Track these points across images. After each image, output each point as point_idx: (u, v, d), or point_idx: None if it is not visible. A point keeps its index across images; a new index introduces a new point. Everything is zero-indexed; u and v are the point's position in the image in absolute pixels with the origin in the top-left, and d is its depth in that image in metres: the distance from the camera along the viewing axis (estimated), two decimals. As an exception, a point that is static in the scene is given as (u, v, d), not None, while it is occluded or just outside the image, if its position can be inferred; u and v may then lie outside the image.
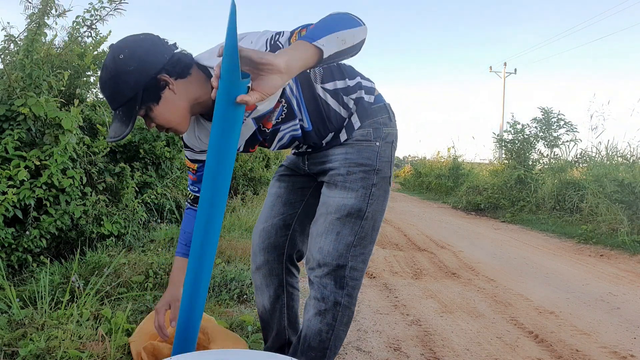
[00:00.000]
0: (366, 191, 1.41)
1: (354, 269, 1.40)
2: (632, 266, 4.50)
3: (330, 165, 1.45)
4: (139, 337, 1.76)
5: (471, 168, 15.15)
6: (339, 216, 1.40)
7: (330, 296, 1.39)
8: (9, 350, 1.71)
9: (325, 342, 1.41)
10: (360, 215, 1.41)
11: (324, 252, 1.39)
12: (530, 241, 5.92)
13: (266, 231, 1.62)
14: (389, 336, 2.41)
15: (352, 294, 1.42)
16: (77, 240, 3.16)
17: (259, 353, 1.12)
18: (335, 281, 1.39)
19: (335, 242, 1.39)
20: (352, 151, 1.42)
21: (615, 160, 7.75)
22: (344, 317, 1.42)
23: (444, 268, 4.12)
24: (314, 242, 1.43)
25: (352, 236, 1.40)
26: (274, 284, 1.63)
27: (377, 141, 1.44)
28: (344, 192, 1.40)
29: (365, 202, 1.41)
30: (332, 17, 1.13)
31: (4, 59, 3.04)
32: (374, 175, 1.43)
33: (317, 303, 1.41)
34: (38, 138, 2.87)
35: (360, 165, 1.41)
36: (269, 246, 1.62)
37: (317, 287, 1.41)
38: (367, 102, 1.44)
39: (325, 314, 1.40)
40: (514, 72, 23.41)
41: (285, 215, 1.62)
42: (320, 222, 1.43)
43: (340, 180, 1.41)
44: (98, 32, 3.76)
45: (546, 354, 2.24)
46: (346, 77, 1.43)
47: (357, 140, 1.43)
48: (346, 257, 1.39)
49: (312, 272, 1.43)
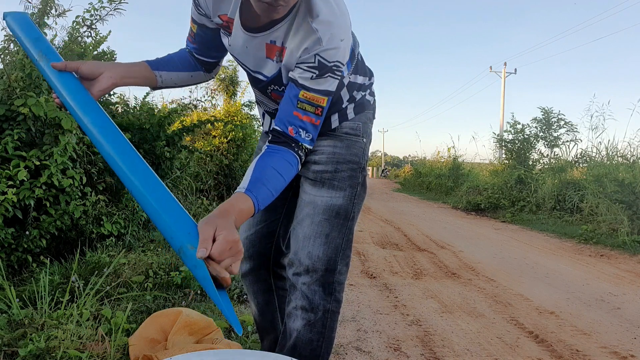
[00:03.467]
0: (353, 190, 1.36)
1: (340, 273, 1.36)
2: (632, 266, 4.50)
3: (315, 157, 1.37)
4: (138, 341, 1.76)
5: (471, 168, 15.15)
6: (327, 217, 1.34)
7: (320, 305, 1.34)
8: (9, 351, 1.71)
9: (317, 349, 1.37)
10: (347, 217, 1.35)
11: (313, 257, 1.33)
12: (531, 241, 5.92)
13: (250, 240, 1.56)
14: (389, 336, 2.41)
15: (339, 299, 1.38)
16: (77, 240, 3.16)
17: (258, 353, 1.12)
18: (323, 287, 1.34)
19: (325, 245, 1.33)
20: (341, 145, 1.37)
21: (615, 160, 7.75)
22: (333, 323, 1.38)
23: (444, 268, 4.12)
24: (302, 245, 1.35)
25: (341, 239, 1.35)
26: (262, 290, 1.60)
27: (364, 137, 1.40)
28: (333, 192, 1.34)
29: (352, 202, 1.36)
30: (282, 173, 1.11)
31: (4, 59, 3.04)
32: (360, 174, 1.38)
33: (305, 314, 1.35)
34: (38, 138, 2.87)
35: (349, 163, 1.36)
36: (254, 254, 1.56)
37: (303, 296, 1.34)
38: (366, 100, 1.43)
39: (315, 324, 1.35)
40: (514, 72, 23.40)
41: (269, 222, 1.54)
42: (306, 223, 1.35)
43: (328, 178, 1.35)
44: (98, 32, 3.77)
45: (546, 354, 2.24)
46: (367, 75, 1.42)
47: (346, 133, 1.37)
48: (335, 261, 1.34)
49: (299, 278, 1.35)
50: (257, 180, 1.06)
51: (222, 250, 0.87)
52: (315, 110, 1.16)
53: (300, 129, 1.16)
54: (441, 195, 14.02)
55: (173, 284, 2.78)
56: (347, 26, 1.16)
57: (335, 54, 1.13)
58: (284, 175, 1.12)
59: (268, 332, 1.65)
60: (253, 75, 1.31)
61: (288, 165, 1.13)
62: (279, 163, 1.12)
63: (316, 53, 1.12)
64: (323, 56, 1.12)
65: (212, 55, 1.40)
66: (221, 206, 1.00)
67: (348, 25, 1.17)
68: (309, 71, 1.13)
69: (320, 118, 1.17)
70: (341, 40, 1.13)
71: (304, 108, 1.15)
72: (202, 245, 0.87)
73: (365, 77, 1.41)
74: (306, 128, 1.16)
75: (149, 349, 1.72)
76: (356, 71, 1.38)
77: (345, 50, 1.16)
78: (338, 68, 1.15)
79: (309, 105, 1.15)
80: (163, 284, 2.78)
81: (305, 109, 1.15)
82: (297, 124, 1.15)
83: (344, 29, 1.14)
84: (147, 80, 1.33)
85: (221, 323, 2.11)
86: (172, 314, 1.84)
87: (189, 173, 5.46)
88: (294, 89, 1.15)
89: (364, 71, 1.41)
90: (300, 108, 1.15)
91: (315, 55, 1.12)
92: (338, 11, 1.14)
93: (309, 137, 1.18)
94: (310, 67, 1.13)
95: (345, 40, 1.15)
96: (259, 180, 1.07)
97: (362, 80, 1.40)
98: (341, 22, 1.14)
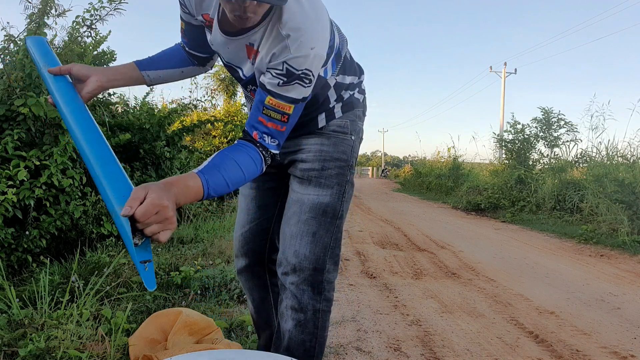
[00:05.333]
0: (341, 188, 1.35)
1: (329, 272, 1.34)
2: (632, 266, 4.50)
3: (303, 156, 1.37)
4: (138, 341, 1.76)
5: (471, 168, 15.15)
6: (314, 215, 1.32)
7: (309, 305, 1.32)
8: (9, 351, 1.71)
9: (310, 350, 1.36)
10: (335, 215, 1.34)
11: (300, 255, 1.32)
12: (531, 241, 5.92)
13: (244, 237, 1.58)
14: (389, 336, 2.41)
15: (329, 298, 1.36)
16: (77, 240, 3.16)
17: (258, 353, 1.12)
18: (312, 287, 1.32)
19: (312, 244, 1.31)
20: (328, 143, 1.35)
21: (615, 160, 7.75)
22: (325, 322, 1.37)
23: (444, 268, 4.12)
24: (289, 244, 1.34)
25: (329, 237, 1.33)
26: (257, 286, 1.61)
27: (353, 135, 1.39)
28: (319, 189, 1.33)
29: (339, 200, 1.35)
30: (242, 166, 1.10)
31: (4, 59, 3.04)
32: (348, 171, 1.37)
33: (295, 314, 1.34)
34: (38, 138, 2.87)
35: (336, 160, 1.35)
36: (249, 251, 1.58)
37: (292, 295, 1.34)
38: (355, 98, 1.41)
39: (306, 324, 1.34)
40: (514, 72, 23.41)
41: (262, 220, 1.55)
42: (293, 222, 1.35)
43: (315, 175, 1.34)
44: (98, 32, 3.77)
45: (546, 354, 2.24)
46: (357, 74, 1.40)
47: (333, 131, 1.36)
48: (324, 260, 1.32)
49: (287, 278, 1.35)
50: (213, 166, 1.06)
51: (147, 212, 0.87)
52: (282, 117, 1.14)
53: (264, 134, 1.15)
54: (441, 195, 14.02)
55: (173, 284, 2.78)
56: (320, 33, 1.12)
57: (304, 62, 1.10)
58: (243, 170, 1.11)
59: (264, 329, 1.66)
60: (235, 69, 1.31)
61: (250, 161, 1.12)
62: (241, 157, 1.11)
63: (284, 60, 1.10)
64: (291, 64, 1.10)
65: (203, 50, 1.41)
66: (167, 178, 1.01)
67: (322, 32, 1.13)
68: (277, 77, 1.12)
69: (286, 125, 1.16)
70: (311, 48, 1.09)
71: (269, 115, 1.13)
72: (128, 204, 0.87)
73: (354, 76, 1.40)
74: (271, 134, 1.15)
75: (149, 349, 1.72)
76: (344, 71, 1.36)
77: (317, 58, 1.12)
78: (307, 76, 1.12)
79: (274, 112, 1.13)
80: (163, 284, 2.78)
81: (270, 115, 1.14)
82: (261, 130, 1.15)
83: (316, 35, 1.11)
84: (134, 80, 1.36)
85: (221, 323, 2.11)
86: (172, 314, 1.84)
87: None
88: (262, 94, 1.15)
89: (352, 70, 1.40)
90: (266, 114, 1.14)
91: (283, 62, 1.10)
92: (313, 16, 1.11)
93: (275, 143, 1.17)
94: (278, 73, 1.11)
95: (318, 47, 1.11)
96: (215, 167, 1.07)
97: (350, 80, 1.38)
98: (314, 28, 1.10)
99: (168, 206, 0.89)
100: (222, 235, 4.58)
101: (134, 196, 0.88)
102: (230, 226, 5.08)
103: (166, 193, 0.91)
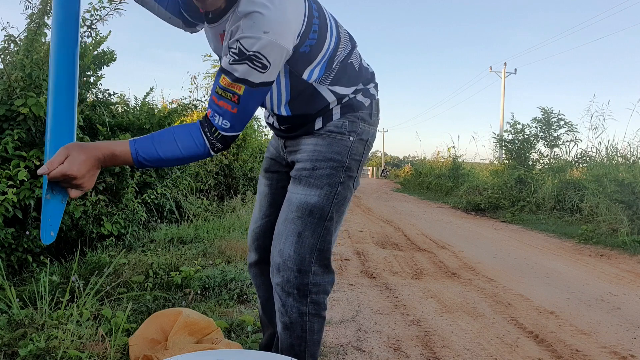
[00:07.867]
0: (332, 189, 1.31)
1: (316, 274, 1.30)
2: (632, 266, 4.50)
3: (299, 156, 1.36)
4: (138, 341, 1.76)
5: (471, 168, 15.16)
6: (300, 215, 1.29)
7: (294, 307, 1.29)
8: (9, 350, 1.71)
9: (300, 354, 1.33)
10: (323, 216, 1.30)
11: (284, 255, 1.28)
12: (531, 241, 5.92)
13: (255, 232, 1.60)
14: (389, 336, 2.41)
15: (317, 301, 1.31)
16: (77, 240, 3.16)
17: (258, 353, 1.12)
18: (297, 289, 1.28)
19: (296, 244, 1.28)
20: (323, 143, 1.33)
21: (615, 160, 7.75)
22: (314, 326, 1.33)
23: (444, 268, 4.12)
24: (275, 243, 1.32)
25: (315, 239, 1.29)
26: (264, 284, 1.61)
27: (351, 135, 1.34)
28: (307, 189, 1.30)
29: (329, 201, 1.30)
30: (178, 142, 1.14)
31: (4, 59, 3.04)
32: (342, 173, 1.32)
33: (282, 317, 1.32)
34: (38, 138, 2.87)
35: (329, 160, 1.31)
36: (259, 247, 1.59)
37: (277, 297, 1.31)
38: (358, 100, 1.37)
39: (293, 327, 1.31)
40: (514, 72, 23.42)
41: (272, 217, 1.54)
42: (281, 220, 1.33)
43: (305, 175, 1.31)
44: (98, 32, 3.77)
45: (546, 354, 2.24)
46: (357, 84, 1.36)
47: (329, 131, 1.33)
48: (309, 262, 1.28)
49: (273, 279, 1.32)
50: (149, 137, 1.13)
51: (56, 177, 1.04)
52: (232, 97, 1.14)
53: (216, 113, 1.15)
54: (441, 195, 14.02)
55: (173, 284, 2.78)
56: (279, 20, 1.10)
57: (254, 43, 1.09)
58: (179, 145, 1.14)
59: (267, 327, 1.68)
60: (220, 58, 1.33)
61: (189, 137, 1.15)
62: (180, 132, 1.15)
63: (237, 38, 1.11)
64: (242, 43, 1.10)
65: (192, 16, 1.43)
66: (96, 142, 1.11)
67: (283, 20, 1.11)
68: (231, 56, 1.13)
69: (237, 106, 1.15)
70: (264, 32, 1.08)
71: (220, 93, 1.15)
72: (46, 165, 1.05)
73: (348, 88, 1.35)
74: (223, 115, 1.15)
75: (149, 349, 1.72)
76: (336, 82, 1.32)
77: (271, 45, 1.10)
78: (258, 59, 1.10)
79: (225, 91, 1.14)
80: (163, 284, 2.78)
81: (221, 94, 1.15)
82: (213, 109, 1.16)
83: (274, 21, 1.09)
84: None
85: (221, 323, 2.11)
86: (172, 314, 1.84)
87: (188, 173, 5.46)
88: (218, 73, 1.17)
89: (347, 81, 1.35)
90: (218, 93, 1.15)
91: (237, 40, 1.12)
92: (277, 2, 1.10)
93: (226, 125, 1.16)
94: (232, 52, 1.13)
95: (273, 34, 1.09)
96: (150, 137, 1.13)
97: (342, 91, 1.33)
98: (272, 14, 1.09)
99: (76, 174, 1.04)
100: (222, 235, 4.58)
101: (54, 158, 1.04)
102: (230, 226, 5.08)
103: (84, 159, 1.05)
